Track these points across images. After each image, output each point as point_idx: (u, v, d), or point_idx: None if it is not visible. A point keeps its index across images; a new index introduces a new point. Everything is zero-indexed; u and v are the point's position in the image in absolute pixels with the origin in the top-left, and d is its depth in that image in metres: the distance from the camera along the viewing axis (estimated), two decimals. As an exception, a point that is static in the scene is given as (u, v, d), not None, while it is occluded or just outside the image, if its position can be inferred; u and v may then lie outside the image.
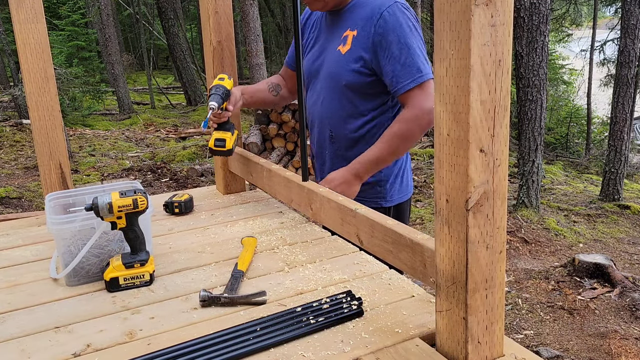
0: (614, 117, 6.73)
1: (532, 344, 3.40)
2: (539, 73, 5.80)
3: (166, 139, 9.04)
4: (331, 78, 1.83)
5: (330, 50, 1.85)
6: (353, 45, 1.76)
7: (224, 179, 2.19)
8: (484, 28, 0.88)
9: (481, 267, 0.98)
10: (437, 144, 0.98)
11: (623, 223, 6.05)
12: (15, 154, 7.64)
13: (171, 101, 13.48)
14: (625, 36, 6.48)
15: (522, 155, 6.02)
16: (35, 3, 1.88)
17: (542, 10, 5.66)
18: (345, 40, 1.79)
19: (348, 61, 1.77)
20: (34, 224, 1.93)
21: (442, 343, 1.07)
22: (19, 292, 1.42)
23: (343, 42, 1.79)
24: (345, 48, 1.78)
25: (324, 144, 1.93)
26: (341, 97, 1.82)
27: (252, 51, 8.61)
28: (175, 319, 1.25)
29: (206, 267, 1.52)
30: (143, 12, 15.33)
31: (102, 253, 1.47)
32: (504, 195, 0.98)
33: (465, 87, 0.90)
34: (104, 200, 1.37)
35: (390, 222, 1.33)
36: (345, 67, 1.77)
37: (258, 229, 1.79)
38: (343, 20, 1.82)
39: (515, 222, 5.53)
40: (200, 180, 6.44)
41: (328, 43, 1.87)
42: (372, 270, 1.46)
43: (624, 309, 3.72)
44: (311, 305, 1.24)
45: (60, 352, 1.14)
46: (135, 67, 19.15)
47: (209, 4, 1.98)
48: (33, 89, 1.93)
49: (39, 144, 1.98)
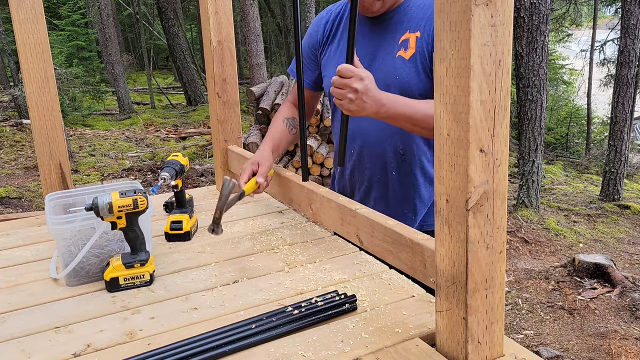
0: (614, 117, 6.74)
1: (532, 344, 3.40)
2: (539, 73, 5.81)
3: (166, 139, 9.04)
4: (397, 89, 1.56)
5: (383, 58, 1.61)
6: (419, 48, 1.55)
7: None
8: (484, 28, 0.88)
9: (481, 267, 0.98)
10: (437, 144, 0.98)
11: (623, 223, 6.05)
12: (15, 154, 7.64)
13: (171, 101, 13.49)
14: (625, 36, 6.48)
15: (522, 155, 6.02)
16: (35, 3, 1.88)
17: (542, 10, 5.66)
18: (406, 44, 1.57)
19: (416, 67, 1.55)
20: (34, 224, 1.93)
21: (442, 343, 1.07)
22: (19, 292, 1.41)
23: (404, 47, 1.57)
24: (408, 53, 1.56)
25: (384, 164, 1.69)
26: None
27: (252, 51, 8.61)
28: (175, 319, 1.25)
29: (206, 267, 1.52)
30: (143, 12, 15.34)
31: (102, 253, 1.47)
32: (504, 195, 0.98)
33: (465, 87, 0.90)
34: (104, 200, 1.37)
35: (390, 222, 1.33)
36: (415, 74, 1.55)
37: (258, 228, 1.79)
38: (396, 24, 1.61)
39: (515, 222, 5.53)
40: (200, 180, 6.45)
41: (378, 50, 1.63)
42: (372, 270, 1.46)
43: (624, 309, 3.72)
44: (306, 302, 1.24)
45: (60, 352, 1.14)
46: (135, 67, 19.16)
47: (209, 4, 1.98)
48: (33, 89, 1.93)
49: (39, 144, 1.98)
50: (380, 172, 1.71)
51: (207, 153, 7.68)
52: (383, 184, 1.72)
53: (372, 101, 1.40)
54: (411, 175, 1.68)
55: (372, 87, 1.40)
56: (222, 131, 2.13)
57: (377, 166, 1.71)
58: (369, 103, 1.39)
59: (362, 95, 1.38)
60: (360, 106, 1.40)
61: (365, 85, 1.38)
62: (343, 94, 1.39)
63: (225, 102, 2.10)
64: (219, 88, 2.06)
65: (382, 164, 1.70)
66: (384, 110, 1.43)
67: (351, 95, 1.38)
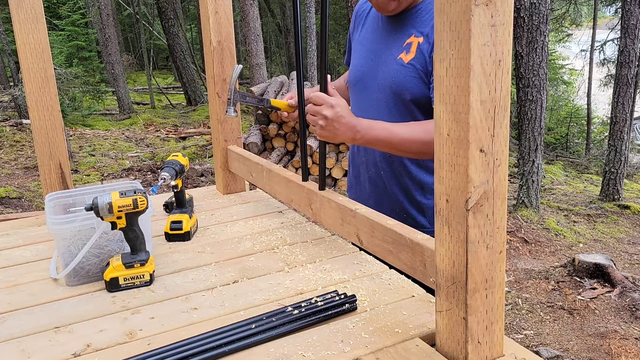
0: (614, 117, 6.74)
1: (532, 344, 3.40)
2: (539, 73, 5.81)
3: (166, 139, 9.04)
4: (392, 91, 1.58)
5: (386, 58, 1.61)
6: (418, 54, 1.54)
7: (224, 179, 2.19)
8: (484, 28, 0.88)
9: (481, 267, 0.98)
10: (437, 144, 0.98)
11: (623, 223, 6.05)
12: (15, 154, 7.64)
13: (171, 101, 13.49)
14: (625, 36, 6.48)
15: (522, 155, 6.03)
16: (35, 3, 1.88)
17: (542, 10, 5.66)
18: (408, 47, 1.56)
19: (412, 73, 1.54)
20: (34, 224, 1.93)
21: (442, 343, 1.07)
22: (19, 292, 1.41)
23: (406, 50, 1.56)
24: (408, 57, 1.55)
25: (377, 162, 1.70)
26: (405, 113, 1.58)
27: (252, 51, 8.61)
28: (175, 319, 1.25)
29: (206, 267, 1.52)
30: (143, 12, 15.34)
31: (102, 253, 1.47)
32: (504, 195, 0.98)
33: (465, 87, 0.90)
34: (104, 200, 1.37)
35: (390, 222, 1.33)
36: (410, 79, 1.55)
37: (258, 228, 1.79)
38: (406, 26, 1.59)
39: (515, 222, 5.54)
40: (200, 180, 6.45)
41: (384, 49, 1.63)
42: (372, 270, 1.46)
43: (624, 309, 3.72)
44: (306, 302, 1.24)
45: (60, 352, 1.14)
46: (135, 67, 19.16)
47: (209, 4, 1.98)
48: (33, 89, 1.93)
49: (39, 144, 1.98)
50: (373, 170, 1.72)
51: (207, 153, 7.68)
52: (377, 183, 1.73)
53: (344, 128, 1.44)
54: (400, 178, 1.67)
55: (344, 114, 1.44)
56: (222, 131, 2.14)
57: (370, 162, 1.73)
58: (341, 130, 1.44)
59: (332, 122, 1.43)
60: (332, 132, 1.45)
61: (336, 113, 1.43)
62: (315, 120, 1.46)
63: (226, 102, 2.10)
64: (219, 88, 2.06)
65: (374, 161, 1.71)
66: (360, 137, 1.46)
67: (322, 122, 1.44)
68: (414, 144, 1.46)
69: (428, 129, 1.45)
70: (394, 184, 1.67)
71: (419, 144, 1.45)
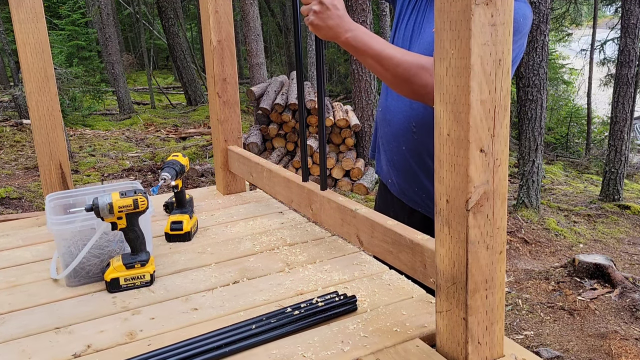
0: (614, 116, 6.73)
1: (532, 345, 3.40)
2: (539, 73, 5.80)
3: (166, 139, 9.04)
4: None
5: (425, 28, 1.59)
6: None
7: (224, 179, 2.19)
8: (484, 27, 0.88)
9: (481, 267, 0.98)
10: (437, 144, 0.98)
11: (623, 223, 6.05)
12: (15, 154, 7.64)
13: (171, 101, 13.48)
14: (626, 35, 6.48)
15: (522, 155, 6.02)
16: (35, 3, 1.88)
17: (542, 9, 5.66)
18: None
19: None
20: (34, 224, 1.93)
21: (442, 343, 1.07)
22: (19, 293, 1.41)
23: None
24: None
25: (397, 136, 1.67)
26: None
27: (252, 51, 8.61)
28: (176, 320, 1.25)
29: (206, 267, 1.52)
30: (143, 11, 15.34)
31: (102, 253, 1.47)
32: (504, 196, 0.98)
33: (466, 87, 0.90)
34: (105, 200, 1.37)
35: (390, 223, 1.33)
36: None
37: (258, 229, 1.79)
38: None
39: (515, 222, 5.53)
40: (200, 180, 6.44)
41: (424, 21, 1.62)
42: (372, 270, 1.46)
43: (624, 309, 3.72)
44: (306, 303, 1.24)
45: (60, 352, 1.14)
46: (135, 67, 19.14)
47: (209, 4, 1.98)
48: (33, 88, 1.93)
49: (39, 144, 1.98)
50: (393, 144, 1.70)
51: (207, 153, 7.68)
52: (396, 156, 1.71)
53: (337, 20, 1.39)
54: (419, 157, 1.64)
55: (339, 7, 1.40)
56: (222, 131, 2.13)
57: (390, 135, 1.70)
58: (333, 21, 1.39)
59: (327, 9, 1.38)
60: (324, 21, 1.39)
61: (333, 2, 1.39)
62: (308, 7, 1.40)
63: (226, 102, 2.10)
64: (219, 88, 2.06)
65: (395, 134, 1.68)
66: (351, 36, 1.40)
67: (316, 7, 1.38)
68: (399, 65, 1.40)
69: (420, 59, 1.41)
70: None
71: (406, 65, 1.40)
